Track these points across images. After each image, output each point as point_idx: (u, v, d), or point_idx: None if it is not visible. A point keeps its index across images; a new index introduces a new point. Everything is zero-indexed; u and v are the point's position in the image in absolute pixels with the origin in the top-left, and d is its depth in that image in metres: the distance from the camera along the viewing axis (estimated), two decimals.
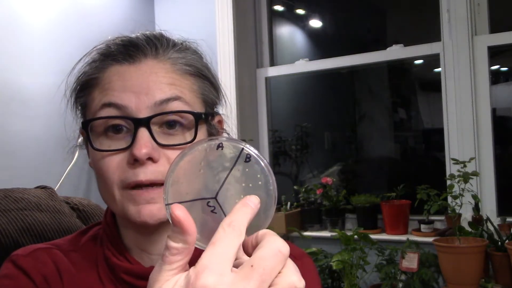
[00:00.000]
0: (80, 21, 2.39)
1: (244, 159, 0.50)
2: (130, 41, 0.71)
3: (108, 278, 0.72)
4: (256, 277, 0.39)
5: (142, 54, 0.69)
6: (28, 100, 2.13)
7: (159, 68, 0.69)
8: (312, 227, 2.51)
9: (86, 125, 0.69)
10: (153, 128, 0.66)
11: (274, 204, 0.51)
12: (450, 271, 1.82)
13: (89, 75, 0.71)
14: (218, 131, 0.77)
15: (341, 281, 2.10)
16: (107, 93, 0.68)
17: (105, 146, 0.67)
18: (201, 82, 0.73)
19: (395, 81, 2.83)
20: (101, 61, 0.71)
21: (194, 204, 0.49)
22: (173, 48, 0.72)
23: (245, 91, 2.71)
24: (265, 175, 0.49)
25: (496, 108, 2.27)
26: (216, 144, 0.50)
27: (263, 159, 0.50)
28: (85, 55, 0.74)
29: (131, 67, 0.69)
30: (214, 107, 0.77)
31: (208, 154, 0.50)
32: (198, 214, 0.49)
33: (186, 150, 0.50)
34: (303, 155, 2.92)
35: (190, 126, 0.68)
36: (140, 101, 0.66)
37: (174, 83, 0.68)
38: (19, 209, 1.00)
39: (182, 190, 0.50)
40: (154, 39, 0.72)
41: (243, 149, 0.50)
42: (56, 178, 2.13)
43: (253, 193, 0.50)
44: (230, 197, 0.50)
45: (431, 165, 2.67)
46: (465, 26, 2.21)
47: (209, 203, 0.49)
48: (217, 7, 2.64)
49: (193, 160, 0.50)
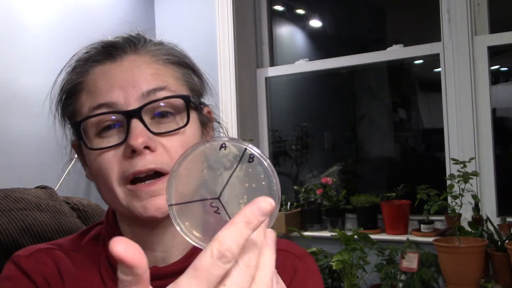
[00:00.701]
0: (80, 21, 2.39)
1: (247, 159, 0.49)
2: (107, 42, 0.72)
3: (110, 277, 0.72)
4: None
5: (122, 52, 0.70)
6: (28, 100, 2.13)
7: (140, 61, 0.69)
8: (312, 227, 2.51)
9: (78, 127, 0.68)
10: (145, 119, 0.66)
11: (278, 205, 0.49)
12: (450, 271, 1.82)
13: (73, 82, 0.71)
14: (209, 119, 0.77)
15: (341, 281, 2.10)
16: (95, 95, 0.68)
17: (100, 145, 0.67)
18: (183, 70, 0.73)
19: (395, 81, 2.83)
20: (82, 66, 0.71)
21: (197, 205, 0.49)
22: (150, 42, 0.73)
23: (245, 91, 2.71)
24: (268, 176, 0.49)
25: (496, 108, 2.27)
26: (219, 145, 0.49)
27: (266, 159, 0.49)
28: (64, 66, 0.74)
29: (113, 65, 0.69)
30: (201, 97, 0.77)
31: (211, 154, 0.50)
32: (201, 215, 0.49)
33: (188, 151, 0.50)
34: (303, 155, 2.92)
35: (181, 111, 0.68)
36: (128, 94, 0.66)
37: (158, 73, 0.69)
38: (19, 209, 1.00)
39: (184, 191, 0.49)
40: (131, 37, 0.73)
41: (246, 149, 0.49)
42: (56, 178, 2.13)
43: (256, 194, 0.48)
44: (233, 197, 0.49)
45: (431, 165, 2.67)
46: (465, 26, 2.21)
47: (212, 204, 0.49)
48: (217, 7, 2.64)
49: (196, 161, 0.50)
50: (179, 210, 0.49)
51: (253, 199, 0.48)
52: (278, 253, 0.81)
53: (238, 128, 2.58)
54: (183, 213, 0.49)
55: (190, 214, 0.49)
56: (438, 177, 2.23)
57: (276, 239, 0.47)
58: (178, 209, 0.49)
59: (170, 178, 0.49)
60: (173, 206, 0.49)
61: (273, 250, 0.45)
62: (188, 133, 0.69)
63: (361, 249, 1.98)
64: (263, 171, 0.49)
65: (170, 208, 0.48)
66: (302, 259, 0.79)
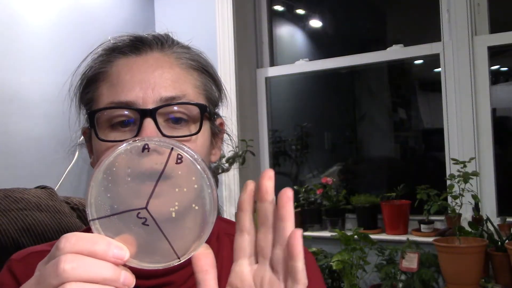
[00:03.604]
0: (80, 21, 2.39)
1: (175, 161, 0.44)
2: (136, 36, 0.73)
3: None
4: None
5: (148, 47, 0.71)
6: (28, 100, 2.13)
7: (164, 61, 0.70)
8: (312, 227, 2.51)
9: (93, 116, 0.68)
10: (159, 120, 0.66)
11: (214, 209, 0.45)
12: (450, 271, 1.82)
13: (96, 70, 0.72)
14: (220, 131, 0.78)
15: (341, 281, 2.10)
16: (116, 91, 0.68)
17: (110, 138, 0.67)
18: (204, 78, 0.73)
19: (395, 81, 2.82)
20: (107, 55, 0.72)
21: (123, 217, 0.44)
22: (177, 44, 0.74)
23: (245, 91, 2.71)
24: (200, 177, 0.44)
25: (496, 108, 2.27)
26: (142, 146, 0.45)
27: (197, 159, 0.44)
28: (90, 53, 0.74)
29: (138, 59, 0.70)
30: (216, 107, 0.77)
31: (134, 157, 0.45)
32: (129, 228, 0.44)
33: (107, 153, 0.44)
34: (303, 155, 2.91)
35: (195, 120, 0.69)
36: (147, 95, 0.66)
37: (178, 80, 0.69)
38: (19, 209, 1.00)
39: (107, 202, 0.44)
40: (159, 36, 0.74)
41: (173, 149, 0.45)
42: (56, 178, 2.14)
43: (188, 199, 0.44)
44: (163, 205, 0.44)
45: (431, 165, 2.67)
46: (465, 26, 2.21)
47: (139, 215, 0.44)
48: (217, 7, 2.64)
49: (119, 166, 0.44)
50: (103, 224, 0.44)
51: (186, 206, 0.45)
52: None
53: (238, 128, 2.58)
54: (108, 228, 0.44)
55: (116, 228, 0.44)
56: (438, 177, 2.23)
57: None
58: (102, 223, 0.44)
59: (90, 189, 0.43)
60: (96, 221, 0.43)
61: None
62: (199, 141, 0.69)
63: (361, 249, 1.98)
64: (194, 172, 0.44)
65: (92, 223, 0.43)
66: None
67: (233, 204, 2.59)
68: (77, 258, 0.41)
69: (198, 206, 0.44)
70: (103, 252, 0.41)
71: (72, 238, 0.42)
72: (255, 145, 2.68)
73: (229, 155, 2.35)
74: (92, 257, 0.41)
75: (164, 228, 0.44)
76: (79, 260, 0.41)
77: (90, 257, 0.41)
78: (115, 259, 0.41)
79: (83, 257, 0.41)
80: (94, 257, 0.41)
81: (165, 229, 0.44)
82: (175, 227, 0.45)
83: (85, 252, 0.41)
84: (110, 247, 0.41)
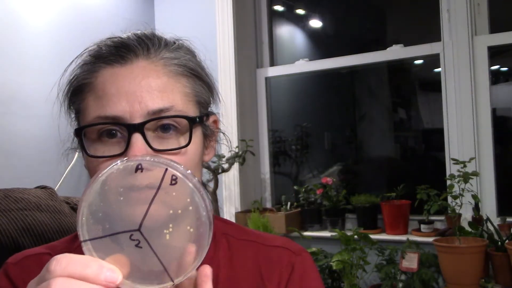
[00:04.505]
0: (80, 21, 2.39)
1: (170, 182, 0.43)
2: (121, 42, 0.70)
3: None
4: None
5: (134, 55, 0.68)
6: (28, 100, 2.13)
7: (150, 70, 0.67)
8: (312, 227, 2.51)
9: (80, 132, 0.67)
10: (147, 133, 0.64)
11: (210, 231, 0.43)
12: (450, 271, 1.82)
13: (81, 80, 0.70)
14: (213, 131, 0.76)
15: (341, 281, 2.10)
16: (102, 104, 0.66)
17: (99, 151, 0.66)
18: (194, 82, 0.71)
19: (395, 81, 2.82)
20: (92, 64, 0.69)
21: (116, 238, 0.42)
22: (165, 48, 0.71)
23: (245, 91, 2.71)
24: (195, 199, 0.43)
25: (496, 108, 2.27)
26: (135, 166, 0.43)
27: (191, 180, 0.43)
28: (76, 57, 0.73)
29: (123, 69, 0.67)
30: (208, 107, 0.75)
31: (127, 177, 0.44)
32: (122, 249, 0.42)
33: (99, 174, 0.43)
34: (303, 155, 2.91)
35: (184, 131, 0.67)
36: (134, 109, 0.64)
37: (166, 90, 0.67)
38: (19, 209, 1.00)
39: (99, 222, 0.42)
40: (145, 38, 0.70)
41: (167, 169, 0.43)
42: (56, 178, 2.13)
43: (182, 221, 0.42)
44: (157, 228, 0.43)
45: (431, 165, 2.67)
46: (465, 26, 2.21)
47: (132, 236, 0.43)
48: (217, 7, 2.64)
49: (111, 185, 0.43)
50: (96, 246, 0.43)
51: (180, 228, 0.43)
52: (274, 250, 0.81)
53: (238, 128, 2.58)
54: (100, 249, 0.42)
55: (109, 249, 0.42)
56: (438, 177, 2.23)
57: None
58: (94, 245, 0.43)
59: (81, 208, 0.42)
60: (87, 242, 0.42)
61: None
62: (190, 152, 0.68)
63: (361, 249, 1.98)
64: (189, 194, 0.43)
65: (84, 244, 0.42)
66: (299, 255, 0.79)
67: (233, 204, 2.59)
68: (67, 283, 0.39)
69: (193, 229, 0.43)
70: (94, 276, 0.40)
71: (63, 260, 0.41)
72: (255, 145, 2.68)
73: (229, 155, 2.35)
74: (83, 281, 0.40)
75: (158, 250, 0.43)
76: (70, 284, 0.39)
77: (81, 280, 0.40)
78: (107, 282, 0.40)
79: (74, 281, 0.40)
80: (85, 281, 0.40)
81: (159, 252, 0.43)
82: (169, 249, 0.44)
83: (76, 276, 0.40)
84: (102, 270, 0.40)
